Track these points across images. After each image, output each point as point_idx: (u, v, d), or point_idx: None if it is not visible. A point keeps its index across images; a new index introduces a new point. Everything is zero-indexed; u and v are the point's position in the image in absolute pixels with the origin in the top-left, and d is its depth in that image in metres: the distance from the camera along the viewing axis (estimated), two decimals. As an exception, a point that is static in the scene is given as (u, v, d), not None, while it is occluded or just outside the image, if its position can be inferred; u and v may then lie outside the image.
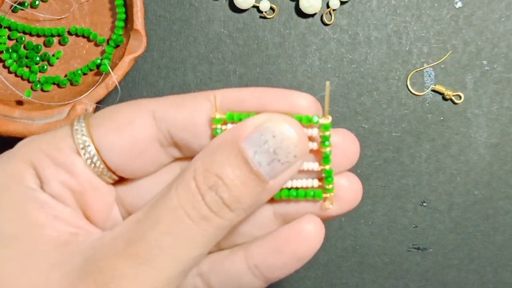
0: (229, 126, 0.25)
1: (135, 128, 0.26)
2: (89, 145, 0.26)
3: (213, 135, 0.26)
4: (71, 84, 0.42)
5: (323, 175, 0.26)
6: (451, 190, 0.44)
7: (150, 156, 0.26)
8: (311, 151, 0.26)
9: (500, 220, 0.44)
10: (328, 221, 0.45)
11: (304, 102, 0.25)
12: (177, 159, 0.28)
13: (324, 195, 0.27)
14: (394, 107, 0.43)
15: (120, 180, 0.28)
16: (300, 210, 0.27)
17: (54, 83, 0.42)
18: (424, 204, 0.44)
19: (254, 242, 0.27)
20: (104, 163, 0.26)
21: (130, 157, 0.26)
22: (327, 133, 0.26)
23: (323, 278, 0.45)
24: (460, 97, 0.43)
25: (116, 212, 0.28)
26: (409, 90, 0.43)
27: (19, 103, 0.41)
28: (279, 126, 0.24)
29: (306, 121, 0.25)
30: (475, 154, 0.43)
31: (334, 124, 0.44)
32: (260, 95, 0.25)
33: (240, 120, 0.25)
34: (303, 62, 0.43)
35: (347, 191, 0.27)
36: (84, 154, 0.26)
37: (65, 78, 0.42)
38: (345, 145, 0.27)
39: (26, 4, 0.42)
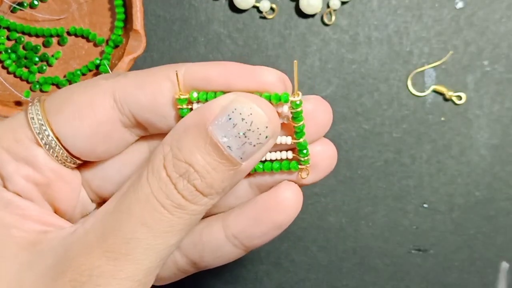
0: (195, 105, 0.24)
1: (96, 112, 0.25)
2: (48, 134, 0.25)
3: (179, 115, 0.25)
4: (70, 84, 0.42)
5: (297, 148, 0.26)
6: (452, 191, 0.44)
7: (115, 138, 0.26)
8: (283, 125, 0.25)
9: (502, 221, 0.44)
10: (328, 223, 0.45)
11: (272, 78, 0.24)
12: (143, 137, 0.27)
13: (299, 166, 0.26)
14: (395, 108, 0.43)
15: (85, 163, 0.27)
16: (275, 179, 0.27)
17: (53, 84, 0.42)
18: (425, 205, 0.44)
19: (232, 212, 0.27)
20: (67, 150, 0.25)
21: (94, 142, 0.25)
22: (298, 110, 0.24)
23: (324, 280, 0.44)
24: (461, 98, 0.43)
25: (84, 195, 0.27)
26: (410, 91, 0.43)
27: (18, 103, 0.41)
28: (247, 107, 0.23)
29: (275, 100, 0.24)
30: (476, 155, 0.43)
31: (335, 125, 0.44)
32: (226, 73, 0.24)
33: (206, 100, 0.24)
34: (303, 62, 0.43)
35: (322, 159, 0.26)
36: (45, 144, 0.25)
37: (64, 78, 0.42)
38: (317, 113, 0.26)
39: (25, 4, 0.42)
